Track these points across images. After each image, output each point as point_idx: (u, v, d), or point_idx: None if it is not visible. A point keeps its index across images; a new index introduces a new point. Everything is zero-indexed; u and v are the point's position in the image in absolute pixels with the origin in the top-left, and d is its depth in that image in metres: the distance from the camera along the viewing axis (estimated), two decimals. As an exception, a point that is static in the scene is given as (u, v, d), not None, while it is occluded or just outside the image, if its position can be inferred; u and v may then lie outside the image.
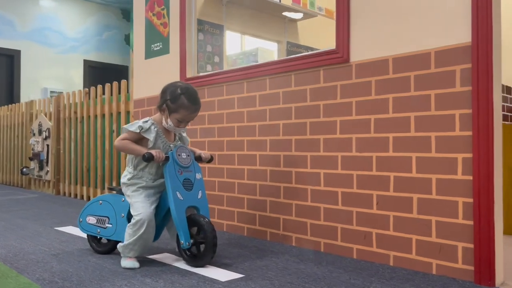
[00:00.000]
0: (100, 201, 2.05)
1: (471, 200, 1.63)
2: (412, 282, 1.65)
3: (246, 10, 4.25)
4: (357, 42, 2.01)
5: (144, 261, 1.91)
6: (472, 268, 1.64)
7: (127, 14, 9.28)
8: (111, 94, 4.01)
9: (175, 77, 3.02)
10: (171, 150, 1.89)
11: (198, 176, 1.92)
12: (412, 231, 1.81)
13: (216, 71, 2.85)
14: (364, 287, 1.59)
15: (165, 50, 3.13)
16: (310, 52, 2.24)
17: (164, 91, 1.89)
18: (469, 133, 1.64)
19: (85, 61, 8.62)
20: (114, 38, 9.25)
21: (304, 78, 2.23)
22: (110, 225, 1.97)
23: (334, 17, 2.11)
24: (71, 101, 4.53)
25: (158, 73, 3.18)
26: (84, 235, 2.26)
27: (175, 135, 1.99)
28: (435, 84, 1.75)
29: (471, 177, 1.63)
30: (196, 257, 1.82)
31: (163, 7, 3.14)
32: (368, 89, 1.96)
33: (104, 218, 2.00)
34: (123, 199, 1.95)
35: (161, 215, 1.91)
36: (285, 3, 4.45)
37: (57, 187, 4.65)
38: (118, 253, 1.91)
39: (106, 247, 2.05)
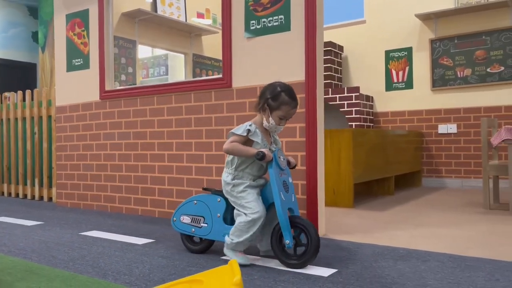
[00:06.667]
0: (195, 201, 2.10)
1: (305, 182, 2.52)
2: (269, 237, 2.49)
3: (156, 26, 4.88)
4: (236, 74, 2.81)
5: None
6: (307, 226, 2.53)
7: (34, 11, 9.28)
8: (32, 99, 4.42)
9: (95, 89, 3.60)
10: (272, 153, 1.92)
11: (290, 180, 1.97)
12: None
13: (131, 86, 3.49)
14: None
15: (85, 66, 3.68)
16: (205, 78, 3.00)
17: (264, 92, 1.94)
18: (304, 139, 2.53)
19: (-11, 59, 8.55)
20: (20, 36, 9.21)
21: (201, 97, 2.99)
22: (206, 225, 2.04)
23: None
24: (-12, 104, 4.81)
25: (80, 84, 3.72)
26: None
27: (270, 137, 2.02)
28: (285, 106, 2.60)
29: (305, 167, 2.52)
30: (298, 258, 1.85)
31: (83, 29, 3.69)
32: (245, 106, 2.78)
33: (199, 218, 2.06)
34: (219, 199, 2.03)
35: None
36: (189, 22, 5.17)
37: (-25, 185, 4.92)
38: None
39: (199, 246, 2.12)
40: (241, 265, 1.82)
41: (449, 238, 2.41)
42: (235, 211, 1.95)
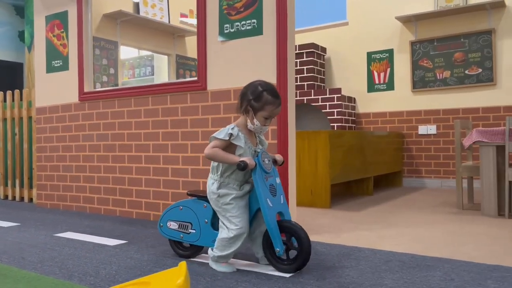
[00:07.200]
0: (181, 207, 2.05)
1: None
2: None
3: (138, 27, 4.90)
4: (211, 76, 2.85)
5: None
6: (279, 227, 2.57)
7: (20, 11, 9.24)
8: (13, 100, 4.42)
9: (74, 90, 3.62)
10: (256, 156, 1.86)
11: (277, 180, 1.90)
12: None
13: (109, 88, 3.51)
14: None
15: (65, 67, 3.70)
16: (180, 80, 3.03)
17: (245, 93, 1.86)
18: (276, 141, 2.57)
19: (-24, 58, 8.50)
20: (7, 35, 9.17)
21: (177, 99, 3.03)
22: (194, 231, 2.00)
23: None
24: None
25: (59, 85, 3.74)
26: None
27: (255, 138, 1.95)
28: (258, 109, 2.64)
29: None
30: (290, 263, 1.83)
31: (62, 30, 3.70)
32: (219, 109, 2.82)
33: (187, 224, 2.02)
34: (205, 205, 1.98)
35: (250, 217, 1.91)
36: (173, 23, 5.19)
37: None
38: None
39: (190, 251, 2.09)
40: (227, 273, 1.84)
41: (415, 238, 2.46)
42: (219, 221, 1.92)
